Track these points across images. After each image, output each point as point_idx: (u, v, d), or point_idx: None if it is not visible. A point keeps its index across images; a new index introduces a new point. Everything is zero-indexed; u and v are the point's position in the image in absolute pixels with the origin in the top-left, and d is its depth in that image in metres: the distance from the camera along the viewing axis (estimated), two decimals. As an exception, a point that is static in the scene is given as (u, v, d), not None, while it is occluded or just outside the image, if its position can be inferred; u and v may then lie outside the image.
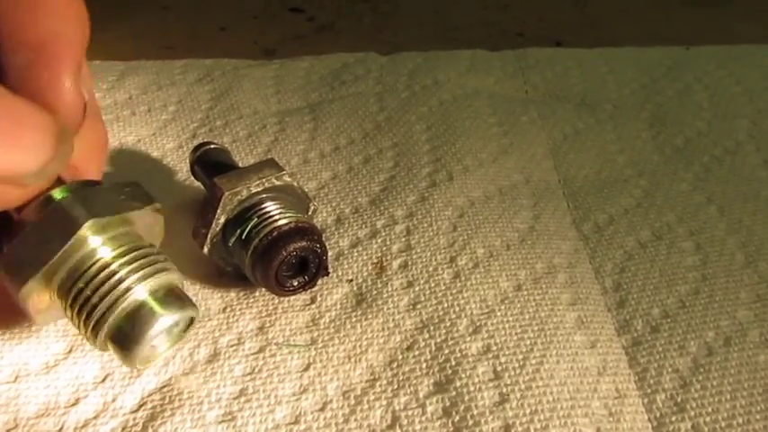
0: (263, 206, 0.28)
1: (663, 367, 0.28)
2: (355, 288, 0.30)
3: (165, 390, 0.26)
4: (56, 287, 0.22)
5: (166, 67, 0.46)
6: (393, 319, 0.29)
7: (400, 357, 0.28)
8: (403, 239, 0.32)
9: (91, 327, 0.21)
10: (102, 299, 0.21)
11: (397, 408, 0.26)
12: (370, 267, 0.31)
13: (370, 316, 0.29)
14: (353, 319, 0.29)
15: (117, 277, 0.22)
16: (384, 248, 0.32)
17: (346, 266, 0.31)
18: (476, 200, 0.35)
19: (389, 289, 0.30)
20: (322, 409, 0.26)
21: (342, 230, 0.33)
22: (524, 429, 0.25)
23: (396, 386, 0.27)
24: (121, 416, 0.25)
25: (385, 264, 0.31)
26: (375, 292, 0.30)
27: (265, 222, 0.28)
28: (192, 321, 0.24)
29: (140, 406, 0.26)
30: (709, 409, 0.26)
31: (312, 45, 0.53)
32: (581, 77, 0.46)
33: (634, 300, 0.31)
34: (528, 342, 0.28)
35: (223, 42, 0.54)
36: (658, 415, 0.26)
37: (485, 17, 0.56)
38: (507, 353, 0.28)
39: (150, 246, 0.24)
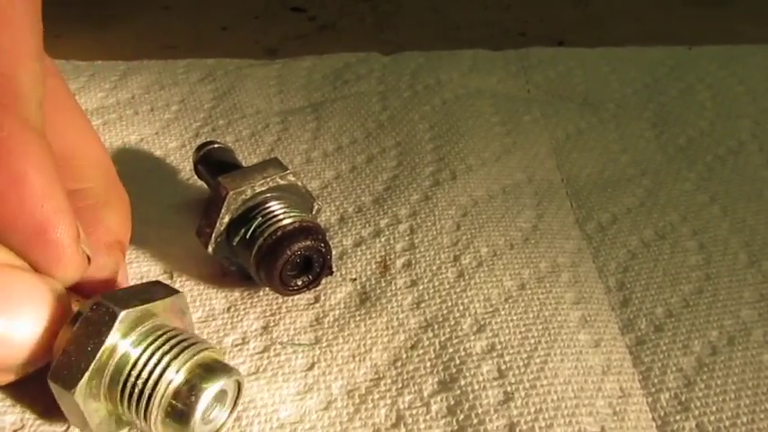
0: (268, 205, 0.28)
1: (667, 366, 0.28)
2: (359, 287, 0.30)
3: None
4: (104, 392, 0.22)
5: (169, 66, 0.46)
6: (397, 318, 0.29)
7: (404, 356, 0.28)
8: (407, 238, 0.32)
9: (143, 416, 0.22)
10: (145, 387, 0.22)
11: (401, 406, 0.26)
12: (373, 266, 0.31)
13: (374, 315, 0.29)
14: (357, 318, 0.29)
15: (158, 366, 0.22)
16: (388, 247, 0.32)
17: (350, 265, 0.31)
18: (479, 199, 0.35)
19: (393, 288, 0.30)
20: (326, 408, 0.26)
21: (345, 230, 0.33)
22: (529, 428, 0.25)
23: (400, 385, 0.27)
24: (126, 415, 0.25)
25: (389, 263, 0.31)
26: (379, 290, 0.30)
27: (270, 222, 0.28)
28: (239, 386, 0.24)
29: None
30: (714, 408, 0.26)
31: (314, 45, 0.53)
32: (583, 77, 0.46)
33: (638, 299, 0.31)
34: (532, 341, 0.28)
35: (225, 42, 0.54)
36: (662, 414, 0.26)
37: (486, 17, 0.56)
38: (511, 351, 0.28)
39: (182, 331, 0.24)
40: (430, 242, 0.32)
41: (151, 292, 0.23)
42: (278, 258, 0.27)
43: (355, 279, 0.31)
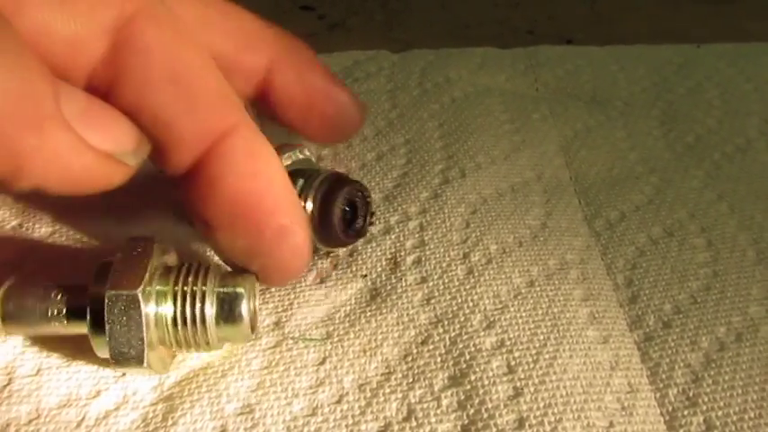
0: (300, 171, 0.29)
1: (675, 362, 0.28)
2: (369, 283, 0.31)
3: (184, 383, 0.27)
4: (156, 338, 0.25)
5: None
6: (407, 314, 0.29)
7: (415, 351, 0.28)
8: (416, 236, 0.33)
9: (200, 335, 0.25)
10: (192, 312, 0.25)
11: (412, 400, 0.26)
12: (384, 263, 0.32)
13: (384, 310, 0.29)
14: (368, 314, 0.29)
15: (192, 299, 0.25)
16: (398, 244, 0.32)
17: (360, 262, 0.32)
18: (488, 197, 0.35)
19: (403, 284, 0.31)
20: (339, 402, 0.26)
21: (356, 227, 0.33)
22: (538, 423, 0.25)
23: (411, 379, 0.27)
24: (141, 408, 0.26)
25: (399, 260, 0.32)
26: (389, 287, 0.30)
27: (311, 179, 0.29)
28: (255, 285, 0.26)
29: (160, 398, 0.26)
30: (721, 404, 0.27)
31: (324, 43, 0.53)
32: (592, 75, 0.46)
33: (646, 296, 0.31)
34: (541, 337, 0.28)
35: (235, 40, 0.54)
36: (671, 409, 0.27)
37: (495, 15, 0.56)
38: (521, 347, 0.28)
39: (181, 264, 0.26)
40: (440, 239, 0.33)
41: (135, 255, 0.25)
42: (337, 198, 0.29)
43: (366, 275, 0.31)
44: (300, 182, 0.29)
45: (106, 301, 0.23)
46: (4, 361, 0.27)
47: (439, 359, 0.28)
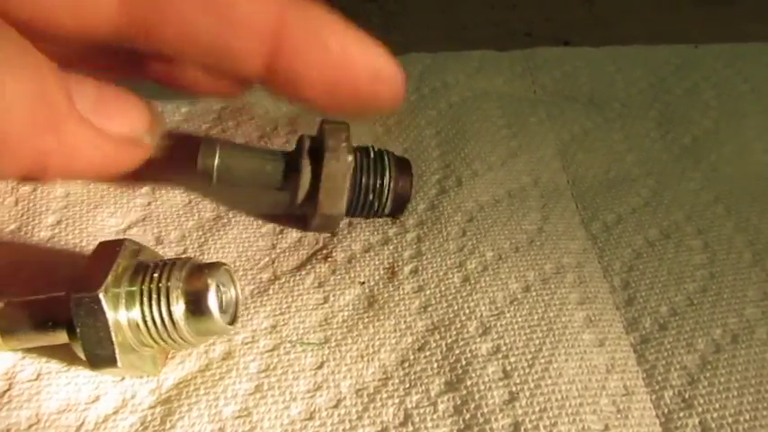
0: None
1: (671, 364, 0.28)
2: (367, 290, 0.31)
3: (182, 386, 0.27)
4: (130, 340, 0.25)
5: (179, 69, 0.47)
6: (404, 321, 0.30)
7: (412, 357, 0.28)
8: (414, 246, 0.33)
9: (172, 333, 0.25)
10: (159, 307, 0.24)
11: (409, 406, 0.26)
12: (381, 272, 0.32)
13: (382, 317, 0.30)
14: (366, 320, 0.29)
15: (158, 296, 0.24)
16: (396, 255, 0.33)
17: (358, 269, 0.32)
18: (485, 204, 0.35)
19: (401, 292, 0.31)
20: (336, 406, 0.26)
21: (354, 235, 0.34)
22: (534, 426, 0.26)
23: (408, 385, 0.27)
24: (140, 411, 0.26)
25: (396, 269, 0.32)
26: (387, 295, 0.31)
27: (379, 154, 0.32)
28: (231, 274, 0.26)
29: (158, 402, 0.26)
30: (717, 406, 0.27)
31: (321, 46, 0.53)
32: (589, 77, 0.46)
33: (642, 298, 0.31)
34: (537, 342, 0.29)
35: (234, 44, 0.54)
36: (666, 411, 0.27)
37: (492, 17, 0.56)
38: (516, 352, 0.28)
39: (149, 262, 0.26)
40: (437, 249, 0.33)
41: (104, 257, 0.25)
42: (410, 170, 0.33)
43: (363, 282, 0.31)
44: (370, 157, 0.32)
45: (72, 304, 0.23)
46: (4, 367, 0.27)
47: (435, 365, 0.28)
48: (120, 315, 0.24)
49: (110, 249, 0.25)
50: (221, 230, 0.34)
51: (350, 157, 0.30)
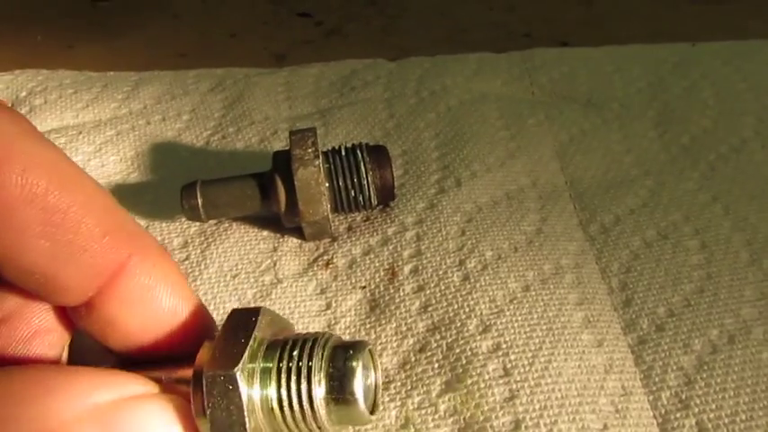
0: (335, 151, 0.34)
1: (668, 365, 0.29)
2: (369, 294, 0.31)
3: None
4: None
5: (180, 76, 0.47)
6: (405, 323, 0.30)
7: (413, 359, 0.29)
8: (413, 246, 0.33)
9: (309, 419, 0.22)
10: (301, 399, 0.21)
11: (410, 408, 0.27)
12: (382, 274, 0.32)
13: (383, 321, 0.30)
14: (368, 325, 0.30)
15: (297, 377, 0.22)
16: (395, 255, 0.33)
17: (359, 274, 0.32)
18: (483, 205, 0.36)
19: (401, 294, 0.31)
20: (338, 411, 0.27)
21: (354, 238, 0.34)
22: (534, 424, 0.26)
23: (409, 387, 0.28)
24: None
25: (396, 269, 0.32)
26: (388, 297, 0.31)
27: (352, 150, 0.33)
28: (372, 355, 0.24)
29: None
30: (713, 406, 0.27)
31: (321, 49, 0.54)
32: (587, 77, 0.46)
33: (640, 299, 0.32)
34: (536, 340, 0.29)
35: (234, 49, 0.55)
36: (663, 412, 0.27)
37: (491, 18, 0.57)
38: (516, 351, 0.29)
39: (287, 338, 0.23)
40: (436, 248, 0.33)
41: (238, 328, 0.22)
42: (387, 157, 0.33)
43: (365, 287, 0.32)
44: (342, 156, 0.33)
45: (204, 382, 0.20)
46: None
47: (436, 365, 0.28)
48: (255, 396, 0.21)
49: (244, 318, 0.22)
50: (223, 235, 0.35)
51: (317, 162, 0.31)
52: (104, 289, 0.22)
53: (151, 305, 0.23)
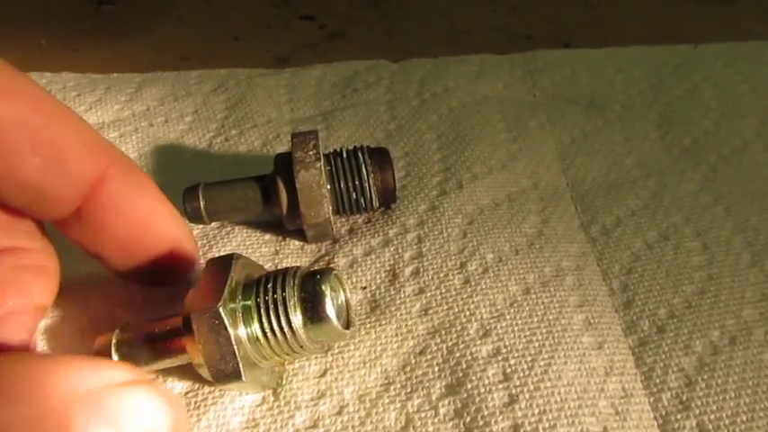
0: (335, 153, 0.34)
1: (668, 367, 0.29)
2: (369, 295, 0.31)
3: (190, 395, 0.27)
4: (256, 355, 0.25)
5: (182, 78, 0.47)
6: (406, 325, 0.30)
7: (413, 362, 0.29)
8: (414, 247, 0.34)
9: (291, 342, 0.25)
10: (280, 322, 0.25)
11: (410, 410, 0.27)
12: (383, 275, 0.32)
13: (383, 322, 0.30)
14: (368, 326, 0.30)
15: (275, 306, 0.25)
16: (396, 256, 0.33)
17: (360, 274, 0.32)
18: (485, 207, 0.36)
19: (402, 296, 0.31)
20: (339, 413, 0.27)
21: (355, 239, 0.34)
22: (533, 429, 0.26)
23: (409, 389, 0.28)
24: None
25: (398, 271, 0.32)
26: (388, 298, 0.31)
27: (353, 152, 0.33)
28: (340, 280, 0.27)
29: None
30: (714, 408, 0.27)
31: (324, 52, 0.54)
32: (589, 79, 0.46)
33: (641, 300, 0.32)
34: (537, 344, 0.29)
35: (237, 51, 0.55)
36: (664, 413, 0.27)
37: (493, 21, 0.57)
38: (516, 355, 0.29)
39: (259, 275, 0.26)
40: (437, 250, 0.33)
41: (216, 273, 0.25)
42: (388, 159, 0.33)
43: (365, 287, 0.32)
44: (343, 158, 0.33)
45: (193, 322, 0.23)
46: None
47: (436, 368, 0.28)
48: (240, 329, 0.24)
49: (220, 265, 0.25)
50: (225, 238, 0.35)
51: (318, 164, 0.31)
52: (89, 199, 0.25)
53: (132, 206, 0.26)
